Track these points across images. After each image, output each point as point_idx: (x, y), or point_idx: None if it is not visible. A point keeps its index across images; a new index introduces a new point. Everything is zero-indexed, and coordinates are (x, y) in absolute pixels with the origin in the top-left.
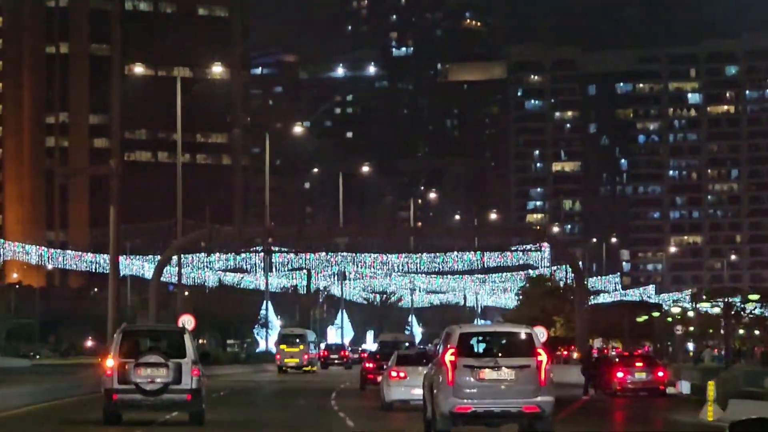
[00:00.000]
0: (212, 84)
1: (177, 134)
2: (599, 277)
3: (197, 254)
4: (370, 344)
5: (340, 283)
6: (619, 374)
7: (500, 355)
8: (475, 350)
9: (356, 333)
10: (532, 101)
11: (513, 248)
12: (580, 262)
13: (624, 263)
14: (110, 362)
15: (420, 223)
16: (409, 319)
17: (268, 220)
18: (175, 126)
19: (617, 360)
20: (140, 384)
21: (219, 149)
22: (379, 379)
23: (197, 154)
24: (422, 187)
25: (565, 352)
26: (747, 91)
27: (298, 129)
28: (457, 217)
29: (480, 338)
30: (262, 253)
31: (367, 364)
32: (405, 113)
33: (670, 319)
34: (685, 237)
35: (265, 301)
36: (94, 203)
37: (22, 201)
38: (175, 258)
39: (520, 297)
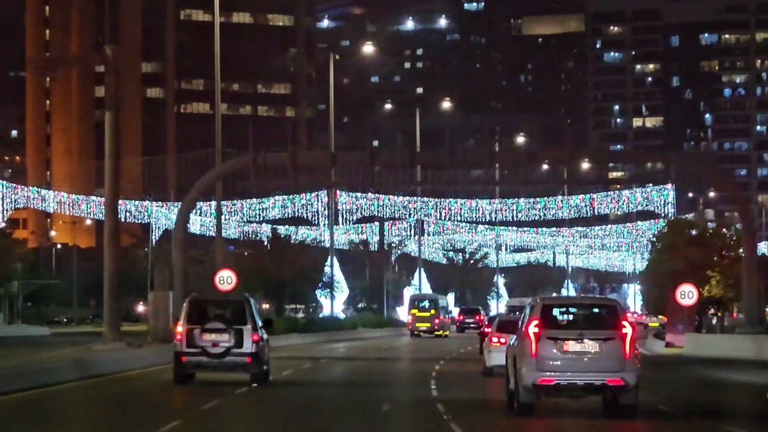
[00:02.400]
0: (274, 31)
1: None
2: None
3: (247, 200)
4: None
5: (418, 236)
6: None
7: (584, 327)
8: (559, 322)
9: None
10: (612, 53)
11: (632, 187)
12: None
13: (709, 223)
14: (180, 328)
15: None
16: (495, 279)
17: (333, 143)
18: (235, 76)
19: None
20: (205, 348)
21: (282, 101)
22: None
23: (258, 106)
24: (496, 144)
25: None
26: None
27: (368, 48)
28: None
29: (564, 309)
30: (324, 197)
31: (486, 329)
32: (477, 68)
33: None
34: None
35: (330, 257)
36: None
37: (70, 155)
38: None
39: (657, 246)
